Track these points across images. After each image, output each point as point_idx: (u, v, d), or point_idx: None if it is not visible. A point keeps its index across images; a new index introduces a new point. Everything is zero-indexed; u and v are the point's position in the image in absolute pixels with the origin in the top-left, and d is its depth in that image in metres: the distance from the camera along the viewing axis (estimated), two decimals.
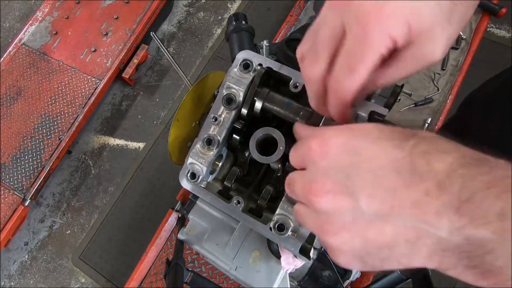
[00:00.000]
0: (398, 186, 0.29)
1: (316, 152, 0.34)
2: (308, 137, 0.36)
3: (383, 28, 0.33)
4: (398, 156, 0.30)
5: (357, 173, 0.31)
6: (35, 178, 1.68)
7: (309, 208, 0.35)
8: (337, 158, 0.33)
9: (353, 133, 0.33)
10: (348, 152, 0.32)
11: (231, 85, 0.58)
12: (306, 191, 0.34)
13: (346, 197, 0.31)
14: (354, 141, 0.33)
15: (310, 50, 0.39)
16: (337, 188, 0.32)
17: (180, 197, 1.27)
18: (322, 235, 0.34)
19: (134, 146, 1.93)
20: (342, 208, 0.31)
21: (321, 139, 0.34)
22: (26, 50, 1.92)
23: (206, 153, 0.58)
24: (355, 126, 0.34)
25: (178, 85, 2.01)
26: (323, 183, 0.33)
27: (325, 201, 0.32)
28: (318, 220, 0.34)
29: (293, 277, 0.74)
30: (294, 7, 1.59)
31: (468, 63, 1.37)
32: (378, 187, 0.30)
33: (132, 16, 1.90)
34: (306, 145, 0.36)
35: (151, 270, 1.27)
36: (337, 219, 0.32)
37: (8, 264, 1.80)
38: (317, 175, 0.34)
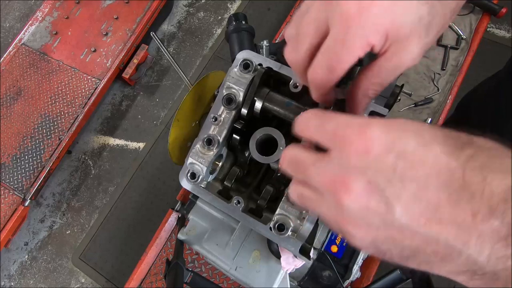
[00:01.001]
0: (443, 201, 0.27)
1: (354, 146, 0.30)
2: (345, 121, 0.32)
3: (363, 33, 0.34)
4: (450, 166, 0.27)
5: (399, 180, 0.28)
6: (35, 178, 1.68)
7: (326, 199, 0.32)
8: (379, 157, 0.29)
9: (403, 132, 0.29)
10: (393, 154, 0.29)
11: (231, 85, 0.58)
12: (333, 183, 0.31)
13: (380, 202, 0.28)
14: (403, 142, 0.29)
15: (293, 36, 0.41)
16: (372, 190, 0.29)
17: (180, 197, 1.27)
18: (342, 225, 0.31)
19: (134, 146, 1.93)
20: (372, 212, 0.29)
21: (363, 132, 0.30)
22: (26, 50, 1.92)
23: (206, 153, 0.58)
24: (404, 124, 0.30)
25: (178, 85, 2.01)
26: (357, 181, 0.29)
27: (355, 200, 0.29)
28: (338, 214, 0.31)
29: (293, 277, 0.74)
30: (294, 7, 1.59)
31: (468, 63, 1.37)
32: (419, 199, 0.27)
33: (132, 16, 1.90)
34: (342, 127, 0.31)
35: (151, 270, 1.27)
36: (364, 219, 0.30)
37: (8, 264, 1.80)
38: (350, 170, 0.30)
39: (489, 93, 0.97)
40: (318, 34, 0.38)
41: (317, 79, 0.39)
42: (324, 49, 0.37)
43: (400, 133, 0.29)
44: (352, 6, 0.34)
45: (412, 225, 0.27)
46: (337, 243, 0.77)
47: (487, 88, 1.00)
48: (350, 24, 0.34)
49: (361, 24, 0.34)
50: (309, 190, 0.34)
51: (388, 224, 0.29)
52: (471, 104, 1.09)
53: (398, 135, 0.29)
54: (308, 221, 0.50)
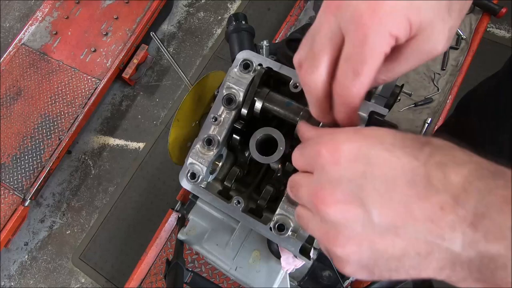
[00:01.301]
0: (412, 198, 0.28)
1: (326, 159, 0.32)
2: (316, 140, 0.35)
3: (383, 27, 0.32)
4: (412, 166, 0.29)
5: (369, 184, 0.30)
6: (35, 178, 1.68)
7: (314, 215, 0.34)
8: (349, 166, 0.31)
9: (366, 140, 0.32)
10: (360, 161, 0.31)
11: (231, 85, 0.58)
12: (313, 198, 0.33)
13: (357, 208, 0.30)
14: (367, 149, 0.31)
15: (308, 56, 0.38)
16: (348, 198, 0.30)
17: (180, 197, 1.27)
18: (328, 245, 0.33)
19: (134, 146, 1.93)
20: (351, 219, 0.30)
21: (332, 145, 0.33)
22: (26, 50, 1.92)
23: (206, 153, 0.58)
24: (368, 131, 0.32)
25: (178, 85, 2.01)
26: (333, 192, 0.31)
27: (334, 211, 0.31)
28: (324, 229, 0.33)
29: (293, 277, 0.74)
30: (294, 7, 1.59)
31: (468, 63, 1.37)
32: (391, 199, 0.29)
33: (132, 16, 1.90)
34: (314, 148, 0.34)
35: (151, 270, 1.27)
36: (346, 230, 0.31)
37: (8, 264, 1.80)
38: (326, 183, 0.32)
39: (489, 93, 0.97)
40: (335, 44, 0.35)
41: (346, 92, 0.35)
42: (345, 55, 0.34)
43: (364, 141, 0.32)
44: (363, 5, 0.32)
45: (390, 227, 0.29)
46: None
47: (487, 88, 1.00)
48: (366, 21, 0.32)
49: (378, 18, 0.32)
50: (304, 210, 0.37)
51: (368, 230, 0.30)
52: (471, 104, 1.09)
53: (362, 143, 0.31)
54: None
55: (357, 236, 0.30)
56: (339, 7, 0.34)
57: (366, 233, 0.30)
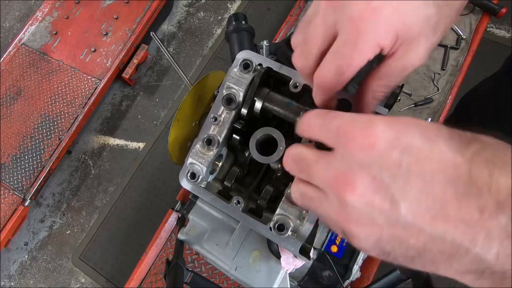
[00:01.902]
0: (449, 197, 0.26)
1: (359, 141, 0.29)
2: (349, 117, 0.32)
3: (374, 35, 0.33)
4: (455, 161, 0.26)
5: (404, 176, 0.27)
6: (35, 178, 1.68)
7: (329, 196, 0.31)
8: (383, 153, 0.28)
9: (407, 128, 0.29)
10: (397, 149, 0.28)
11: (231, 85, 0.58)
12: (336, 180, 0.30)
13: (385, 199, 0.28)
14: (408, 137, 0.28)
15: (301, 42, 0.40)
16: (377, 186, 0.28)
17: (180, 197, 1.27)
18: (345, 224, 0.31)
19: (134, 146, 1.93)
20: (377, 208, 0.28)
21: (367, 128, 0.29)
22: (26, 50, 1.92)
23: (206, 153, 0.58)
24: (409, 119, 0.30)
25: (178, 85, 2.01)
26: (362, 177, 0.29)
27: (359, 197, 0.28)
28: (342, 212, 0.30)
29: (293, 277, 0.74)
30: (294, 7, 1.59)
31: (468, 63, 1.36)
32: (425, 195, 0.27)
33: (132, 16, 1.90)
34: (345, 125, 0.31)
35: (151, 270, 1.27)
36: (368, 217, 0.29)
37: (8, 264, 1.80)
38: (354, 166, 0.29)
39: (488, 92, 0.98)
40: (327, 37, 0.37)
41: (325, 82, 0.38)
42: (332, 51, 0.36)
43: (404, 128, 0.29)
44: (361, 8, 0.33)
45: (417, 223, 0.27)
46: (337, 243, 0.77)
47: (486, 87, 1.00)
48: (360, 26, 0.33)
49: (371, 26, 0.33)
50: (312, 188, 0.34)
51: (393, 221, 0.28)
52: (471, 103, 1.09)
53: (402, 131, 0.29)
54: (308, 221, 0.50)
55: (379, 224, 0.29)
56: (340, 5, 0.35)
57: (389, 223, 0.28)
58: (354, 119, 0.31)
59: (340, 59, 0.35)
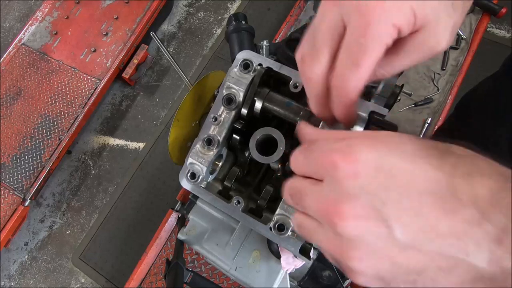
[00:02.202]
0: (438, 213, 0.27)
1: (343, 170, 0.29)
2: (328, 146, 0.31)
3: (387, 17, 0.31)
4: (437, 178, 0.27)
5: (392, 198, 0.28)
6: (35, 178, 1.68)
7: (324, 226, 0.31)
8: (369, 179, 0.28)
9: (385, 148, 0.29)
10: (381, 172, 0.28)
11: (231, 85, 0.58)
12: (327, 211, 0.30)
13: (378, 224, 0.28)
14: (388, 159, 0.29)
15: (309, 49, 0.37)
16: (368, 213, 0.28)
17: (180, 197, 1.27)
18: (341, 258, 0.30)
19: (134, 146, 1.93)
20: (372, 235, 0.28)
21: (348, 154, 0.29)
22: (26, 50, 1.92)
23: (206, 153, 0.58)
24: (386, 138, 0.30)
25: (178, 85, 2.01)
26: (352, 205, 0.29)
27: (354, 227, 0.28)
28: (337, 242, 0.30)
29: (293, 277, 0.74)
30: (294, 7, 1.59)
31: (468, 63, 1.37)
32: (415, 214, 0.27)
33: (132, 16, 1.90)
34: (326, 156, 0.31)
35: (151, 270, 1.27)
36: (364, 246, 0.29)
37: (8, 264, 1.80)
38: (343, 195, 0.29)
39: (488, 92, 0.97)
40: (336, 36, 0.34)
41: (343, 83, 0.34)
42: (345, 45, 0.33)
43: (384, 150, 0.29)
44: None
45: (414, 243, 0.27)
46: None
47: (486, 87, 1.00)
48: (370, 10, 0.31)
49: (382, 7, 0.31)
50: (308, 219, 0.34)
51: (389, 247, 0.28)
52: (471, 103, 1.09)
53: (383, 153, 0.29)
54: None
55: (376, 252, 0.29)
56: None
57: (386, 249, 0.28)
58: (332, 147, 0.31)
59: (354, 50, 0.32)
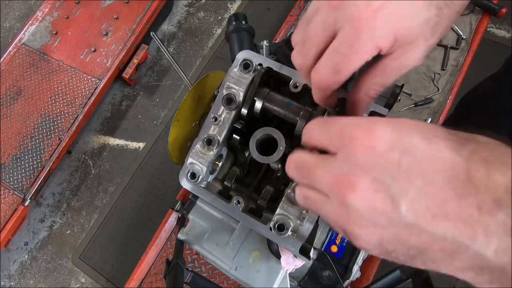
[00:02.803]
0: (448, 196, 0.27)
1: (360, 142, 0.30)
2: (348, 121, 0.32)
3: (373, 37, 0.34)
4: (454, 161, 0.27)
5: (404, 176, 0.28)
6: (35, 178, 1.68)
7: (331, 198, 0.32)
8: (384, 156, 0.29)
9: (406, 128, 0.30)
10: (397, 149, 0.29)
11: (231, 85, 0.58)
12: (337, 182, 0.31)
13: (386, 199, 0.28)
14: (407, 139, 0.29)
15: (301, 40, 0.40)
16: (378, 187, 0.29)
17: (180, 197, 1.27)
18: (347, 226, 0.31)
19: (134, 146, 1.93)
20: (378, 209, 0.29)
21: (368, 130, 0.30)
22: (26, 50, 1.92)
23: (206, 153, 0.58)
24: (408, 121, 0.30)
25: (178, 85, 2.01)
26: (362, 178, 0.29)
27: (361, 198, 0.29)
28: (344, 213, 0.31)
29: (293, 277, 0.74)
30: (294, 7, 1.60)
31: (468, 63, 1.37)
32: (425, 194, 0.27)
33: (132, 16, 1.90)
34: (346, 129, 0.32)
35: (151, 270, 1.27)
36: (370, 218, 0.29)
37: (8, 264, 1.80)
38: (356, 168, 0.30)
39: (488, 92, 0.98)
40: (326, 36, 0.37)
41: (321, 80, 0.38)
42: (330, 50, 0.36)
43: (404, 130, 0.30)
44: (362, 9, 0.33)
45: (418, 222, 0.27)
46: (337, 243, 0.77)
47: (486, 88, 1.00)
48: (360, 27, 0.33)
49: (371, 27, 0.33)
50: (314, 192, 0.34)
51: (394, 221, 0.28)
52: (471, 103, 1.09)
53: (402, 132, 0.29)
54: (308, 221, 0.50)
55: (381, 224, 0.29)
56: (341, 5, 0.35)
57: (390, 223, 0.29)
58: (354, 122, 0.32)
59: (337, 58, 0.36)
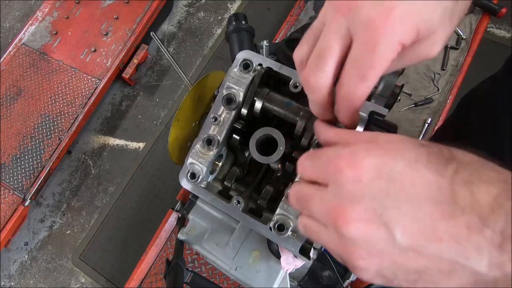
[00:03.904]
0: (438, 218, 0.28)
1: (347, 175, 0.31)
2: (333, 152, 0.33)
3: (393, 35, 0.32)
4: (437, 184, 0.28)
5: (392, 202, 0.29)
6: (35, 178, 1.68)
7: (328, 228, 0.33)
8: (371, 184, 0.30)
9: (388, 154, 0.31)
10: (383, 178, 0.30)
11: (231, 85, 0.58)
12: (331, 214, 0.32)
13: (380, 227, 0.29)
14: (390, 164, 0.30)
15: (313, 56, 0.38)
16: (370, 216, 0.30)
17: (180, 197, 1.27)
18: (346, 257, 0.32)
19: (134, 146, 1.93)
20: (373, 237, 0.30)
21: (352, 159, 0.31)
22: (26, 50, 1.92)
23: (206, 153, 0.58)
24: (389, 144, 0.31)
25: (178, 85, 2.01)
26: (354, 209, 0.30)
27: (355, 229, 0.30)
28: (341, 243, 0.32)
29: (293, 277, 0.74)
30: (294, 7, 1.60)
31: (468, 63, 1.37)
32: (415, 218, 0.28)
33: (132, 16, 1.90)
34: (332, 162, 0.33)
35: (151, 270, 1.27)
36: (366, 247, 0.30)
37: (8, 264, 1.80)
38: (346, 200, 0.31)
39: (488, 92, 0.97)
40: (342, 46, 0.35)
41: (351, 93, 0.36)
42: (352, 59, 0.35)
43: (386, 156, 0.31)
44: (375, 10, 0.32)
45: (413, 246, 0.28)
46: None
47: (486, 88, 1.00)
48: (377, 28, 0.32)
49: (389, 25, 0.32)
50: (314, 222, 0.36)
51: (390, 248, 0.29)
52: (471, 104, 1.09)
53: (385, 159, 0.31)
54: None
55: (378, 252, 0.30)
56: (350, 10, 0.34)
57: (387, 250, 0.29)
58: (338, 154, 0.33)
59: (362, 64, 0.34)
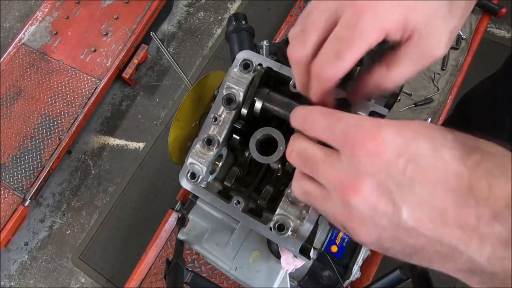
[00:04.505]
0: (449, 205, 0.27)
1: (366, 149, 0.30)
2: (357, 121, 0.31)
3: (378, 18, 0.32)
4: (458, 171, 0.27)
5: (408, 183, 0.28)
6: (35, 178, 1.68)
7: (332, 195, 0.32)
8: (390, 163, 0.29)
9: (415, 136, 0.29)
10: (404, 157, 0.29)
11: (231, 85, 0.58)
12: (342, 184, 0.31)
13: (388, 203, 0.29)
14: (414, 146, 0.29)
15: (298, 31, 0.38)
16: (382, 192, 0.29)
17: (180, 197, 1.27)
18: (347, 223, 0.32)
19: (134, 146, 1.93)
20: (380, 212, 0.29)
21: (376, 134, 0.30)
22: (26, 50, 1.92)
23: (206, 153, 0.58)
24: (416, 126, 0.30)
25: (178, 85, 2.01)
26: (368, 184, 0.29)
27: (364, 201, 0.29)
28: (345, 212, 0.31)
29: (293, 277, 0.74)
30: (294, 7, 1.60)
31: (468, 63, 1.37)
32: (427, 202, 0.28)
33: (132, 16, 1.90)
34: (353, 130, 0.31)
35: (151, 270, 1.27)
36: (370, 219, 0.30)
37: (8, 264, 1.80)
38: (361, 172, 0.30)
39: (487, 92, 0.98)
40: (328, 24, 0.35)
41: (323, 70, 0.35)
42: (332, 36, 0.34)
43: (410, 136, 0.29)
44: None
45: (418, 227, 0.28)
46: (337, 243, 0.77)
47: (485, 87, 1.00)
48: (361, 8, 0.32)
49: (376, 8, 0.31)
50: (315, 186, 0.34)
51: (394, 225, 0.29)
52: (470, 103, 1.09)
53: (410, 139, 0.29)
54: (308, 221, 0.50)
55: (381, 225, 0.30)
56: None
57: (390, 225, 0.29)
58: (361, 124, 0.31)
59: (340, 42, 0.33)
